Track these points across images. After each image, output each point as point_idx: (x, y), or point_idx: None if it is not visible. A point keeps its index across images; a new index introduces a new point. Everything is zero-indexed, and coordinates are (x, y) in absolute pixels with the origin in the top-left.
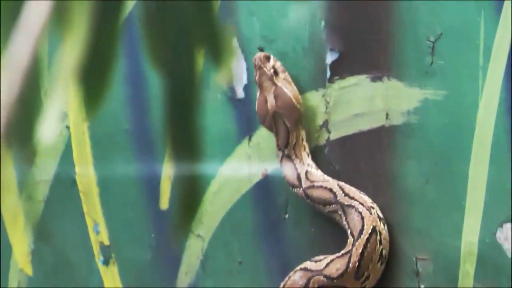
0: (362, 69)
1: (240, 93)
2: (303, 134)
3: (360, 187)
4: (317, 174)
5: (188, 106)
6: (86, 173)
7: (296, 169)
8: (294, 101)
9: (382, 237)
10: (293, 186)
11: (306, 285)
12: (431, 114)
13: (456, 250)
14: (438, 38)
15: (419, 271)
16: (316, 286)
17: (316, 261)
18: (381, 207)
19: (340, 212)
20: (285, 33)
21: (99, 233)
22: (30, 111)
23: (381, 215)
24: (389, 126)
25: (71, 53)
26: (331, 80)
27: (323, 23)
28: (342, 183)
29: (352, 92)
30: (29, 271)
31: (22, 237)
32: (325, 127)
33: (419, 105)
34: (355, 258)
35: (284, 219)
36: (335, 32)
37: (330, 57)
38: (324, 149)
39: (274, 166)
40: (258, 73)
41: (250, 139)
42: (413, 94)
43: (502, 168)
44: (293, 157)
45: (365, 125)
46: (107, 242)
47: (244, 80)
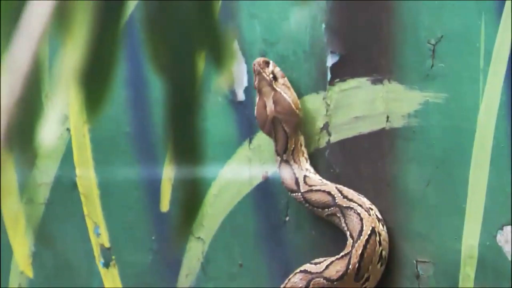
0: (362, 71)
1: (240, 96)
2: (302, 139)
3: (360, 190)
4: (316, 178)
5: (189, 109)
6: (86, 175)
7: (294, 174)
8: (293, 106)
9: (381, 238)
10: (292, 191)
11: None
12: (431, 117)
13: (456, 253)
14: (438, 41)
15: (420, 274)
16: None
17: (316, 263)
18: (382, 210)
19: (339, 214)
20: (286, 36)
21: (99, 235)
22: (31, 113)
23: (380, 216)
24: (389, 129)
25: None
26: (332, 82)
27: (324, 26)
28: (340, 186)
29: (352, 94)
30: (30, 274)
31: (23, 240)
32: (325, 130)
33: (420, 108)
34: (354, 259)
35: (284, 221)
36: (335, 35)
37: (330, 60)
38: (324, 152)
39: (274, 168)
40: (257, 78)
41: (250, 141)
42: (413, 97)
43: (502, 171)
44: (292, 162)
45: (366, 128)
46: (107, 244)
47: (244, 82)
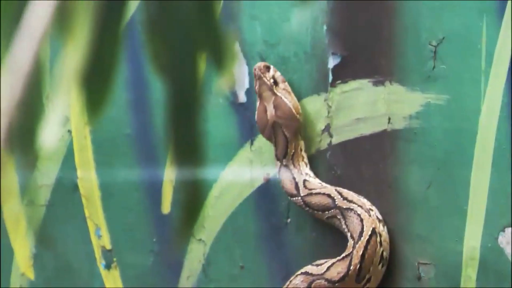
0: (364, 73)
1: (242, 98)
2: (302, 144)
3: (362, 192)
4: (315, 182)
5: (190, 110)
6: (88, 177)
7: (294, 178)
8: (293, 111)
9: (382, 239)
10: (292, 195)
11: None
12: (433, 118)
13: (458, 254)
14: (440, 42)
15: (421, 276)
16: None
17: (317, 265)
18: (383, 211)
19: (339, 216)
20: (287, 37)
21: (101, 237)
22: (32, 115)
23: (380, 217)
24: (391, 130)
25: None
26: (333, 84)
27: (325, 28)
28: (339, 188)
29: (354, 96)
30: (31, 275)
31: (24, 242)
32: (327, 132)
33: (421, 109)
34: (356, 260)
35: (286, 223)
36: (337, 36)
37: (332, 62)
38: (326, 154)
39: (275, 171)
40: (258, 83)
41: (252, 143)
42: (415, 98)
43: (504, 173)
44: (291, 167)
45: (367, 130)
46: (109, 246)
47: (246, 84)
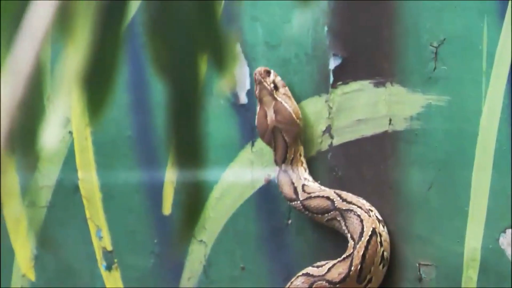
0: (365, 74)
1: (243, 99)
2: (301, 149)
3: (362, 193)
4: (314, 186)
5: (191, 112)
6: (89, 178)
7: (293, 183)
8: (294, 116)
9: (382, 239)
10: (291, 200)
11: None
12: (434, 119)
13: (459, 256)
14: (441, 43)
15: (422, 277)
16: None
17: (317, 266)
18: (384, 213)
19: (339, 218)
20: (288, 38)
21: (101, 238)
22: (32, 116)
23: (380, 217)
24: (392, 131)
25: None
26: (334, 85)
27: (326, 29)
28: (338, 191)
29: (355, 97)
30: (32, 277)
31: (25, 243)
32: (328, 133)
33: (422, 110)
34: (356, 261)
35: (287, 225)
36: (338, 37)
37: (333, 63)
38: (327, 155)
39: (275, 174)
40: (258, 88)
41: (253, 144)
42: (416, 99)
43: (505, 174)
44: (290, 172)
45: (368, 131)
46: (109, 247)
47: (247, 85)
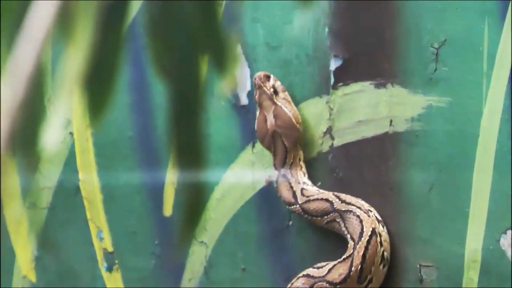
0: (366, 75)
1: (243, 100)
2: (300, 154)
3: (363, 194)
4: (313, 189)
5: (192, 113)
6: (89, 180)
7: (292, 187)
8: (293, 120)
9: (382, 239)
10: (290, 204)
11: None
12: (435, 121)
13: (460, 257)
14: (442, 45)
15: (423, 278)
16: None
17: (318, 268)
18: (385, 214)
19: (338, 219)
20: (289, 39)
21: (102, 239)
22: (33, 117)
23: (379, 218)
24: (393, 133)
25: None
26: (335, 86)
27: (327, 30)
28: (337, 193)
29: (356, 98)
30: (33, 278)
31: (25, 244)
32: (329, 134)
33: (423, 112)
34: (357, 261)
35: (287, 226)
36: (339, 39)
37: (334, 64)
38: (327, 156)
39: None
40: (258, 92)
41: (253, 145)
42: (417, 101)
43: (505, 175)
44: (289, 176)
45: (369, 132)
46: (110, 248)
47: (247, 86)
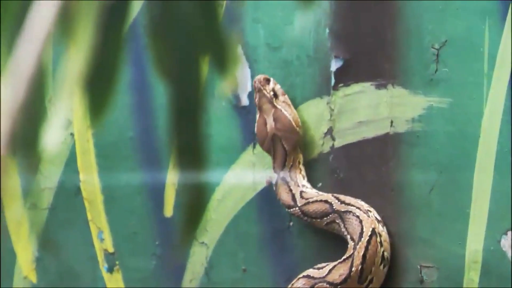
0: (366, 76)
1: (244, 101)
2: (300, 157)
3: (364, 195)
4: (312, 192)
5: (192, 113)
6: (90, 180)
7: (291, 190)
8: (293, 124)
9: (382, 239)
10: (289, 207)
11: None
12: (435, 121)
13: (460, 258)
14: (442, 45)
15: (424, 279)
16: None
17: (318, 268)
18: (386, 215)
19: (338, 220)
20: (290, 40)
21: (103, 240)
22: (34, 118)
23: (379, 218)
24: (393, 133)
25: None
26: (336, 87)
27: (328, 31)
28: (336, 194)
29: (356, 99)
30: (33, 279)
31: (26, 245)
32: (329, 135)
33: (424, 112)
34: (357, 261)
35: (288, 226)
36: (339, 39)
37: (334, 65)
38: (328, 157)
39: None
40: (257, 96)
41: (254, 146)
42: (417, 101)
43: (506, 176)
44: (289, 179)
45: (370, 133)
46: (111, 249)
47: (248, 87)
